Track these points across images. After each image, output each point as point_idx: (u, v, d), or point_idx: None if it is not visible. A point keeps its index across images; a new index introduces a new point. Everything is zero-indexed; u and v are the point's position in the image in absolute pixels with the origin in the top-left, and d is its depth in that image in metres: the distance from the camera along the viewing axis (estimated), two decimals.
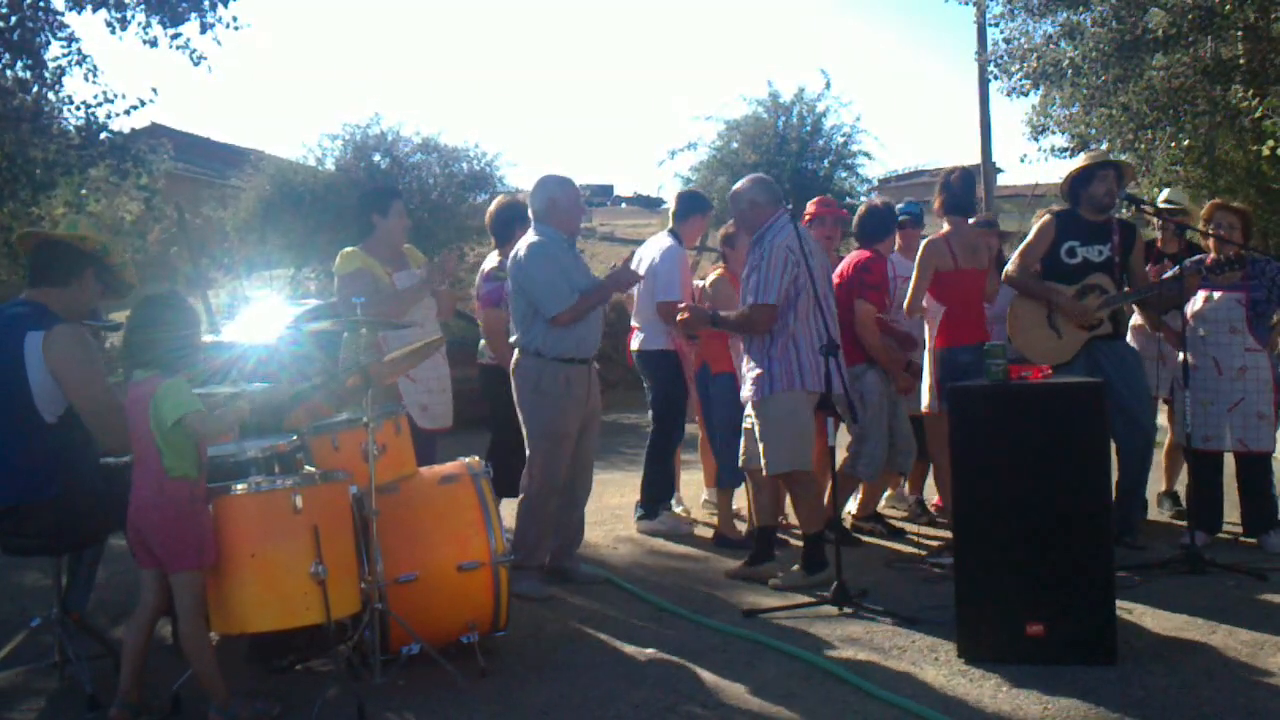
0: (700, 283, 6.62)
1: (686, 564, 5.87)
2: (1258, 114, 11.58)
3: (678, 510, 6.81)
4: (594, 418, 5.43)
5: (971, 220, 6.01)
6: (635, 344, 6.55)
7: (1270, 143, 11.17)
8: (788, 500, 6.81)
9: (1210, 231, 5.76)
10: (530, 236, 5.32)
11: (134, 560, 3.74)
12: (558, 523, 5.36)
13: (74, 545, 4.26)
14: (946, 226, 5.86)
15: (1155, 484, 6.41)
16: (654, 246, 6.46)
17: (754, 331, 5.21)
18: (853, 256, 6.13)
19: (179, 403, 3.59)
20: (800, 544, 5.34)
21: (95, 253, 4.25)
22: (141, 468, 3.66)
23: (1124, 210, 6.26)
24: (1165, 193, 6.91)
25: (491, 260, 6.19)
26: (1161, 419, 6.46)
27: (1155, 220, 6.55)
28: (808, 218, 6.70)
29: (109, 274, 4.31)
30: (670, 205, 7.30)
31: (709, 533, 6.40)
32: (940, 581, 5.03)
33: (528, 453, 5.27)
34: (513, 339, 5.34)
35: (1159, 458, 6.27)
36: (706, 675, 4.04)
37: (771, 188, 5.39)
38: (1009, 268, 5.78)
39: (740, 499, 6.39)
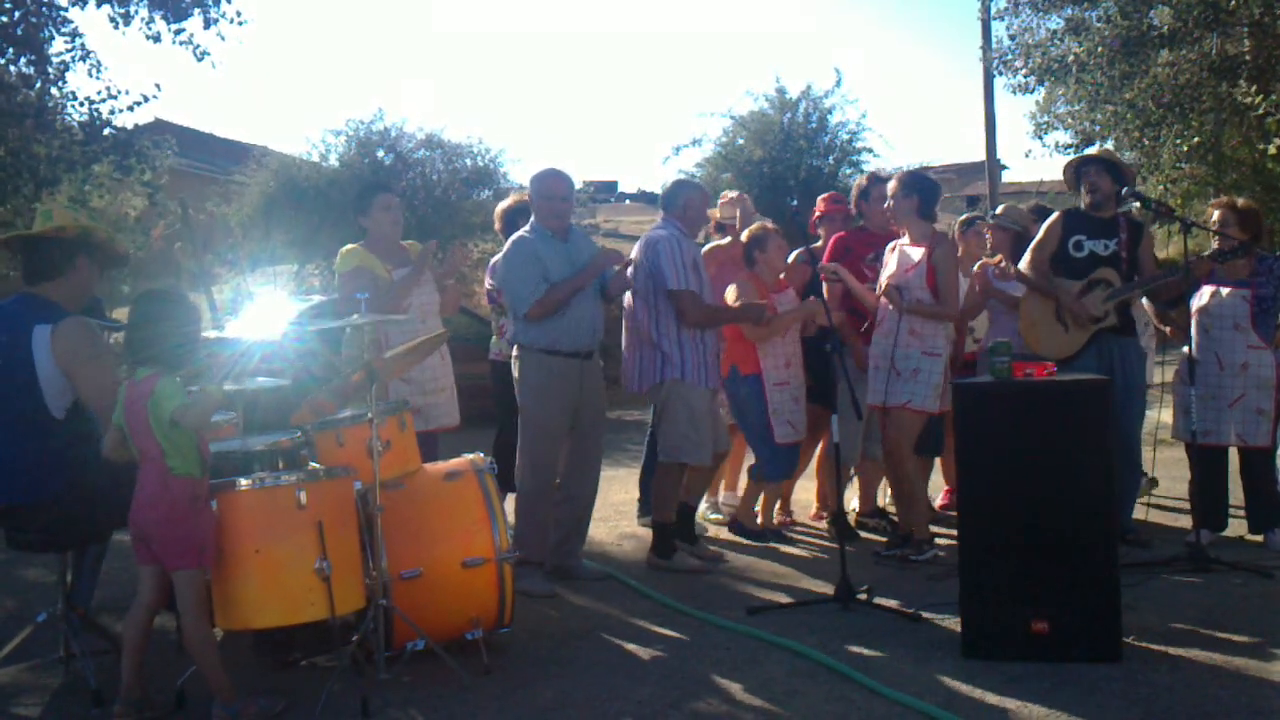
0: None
1: None
2: (1261, 111, 11.54)
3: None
4: (592, 412, 5.41)
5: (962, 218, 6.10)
6: None
7: (1277, 141, 11.13)
8: (790, 497, 6.85)
9: (1214, 229, 5.74)
10: (519, 231, 5.41)
11: (135, 556, 3.74)
12: (556, 519, 5.35)
13: (79, 541, 4.27)
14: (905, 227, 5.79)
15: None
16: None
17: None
18: None
19: (172, 399, 3.59)
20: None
21: (79, 239, 4.19)
22: (145, 465, 3.65)
23: (1134, 209, 6.24)
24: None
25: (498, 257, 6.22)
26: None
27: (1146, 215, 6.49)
28: (817, 215, 6.68)
29: (99, 252, 4.27)
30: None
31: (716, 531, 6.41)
32: (944, 578, 5.02)
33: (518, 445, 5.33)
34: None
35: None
36: (710, 672, 4.04)
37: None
38: (1021, 264, 5.79)
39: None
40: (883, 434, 5.95)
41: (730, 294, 5.93)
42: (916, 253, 5.61)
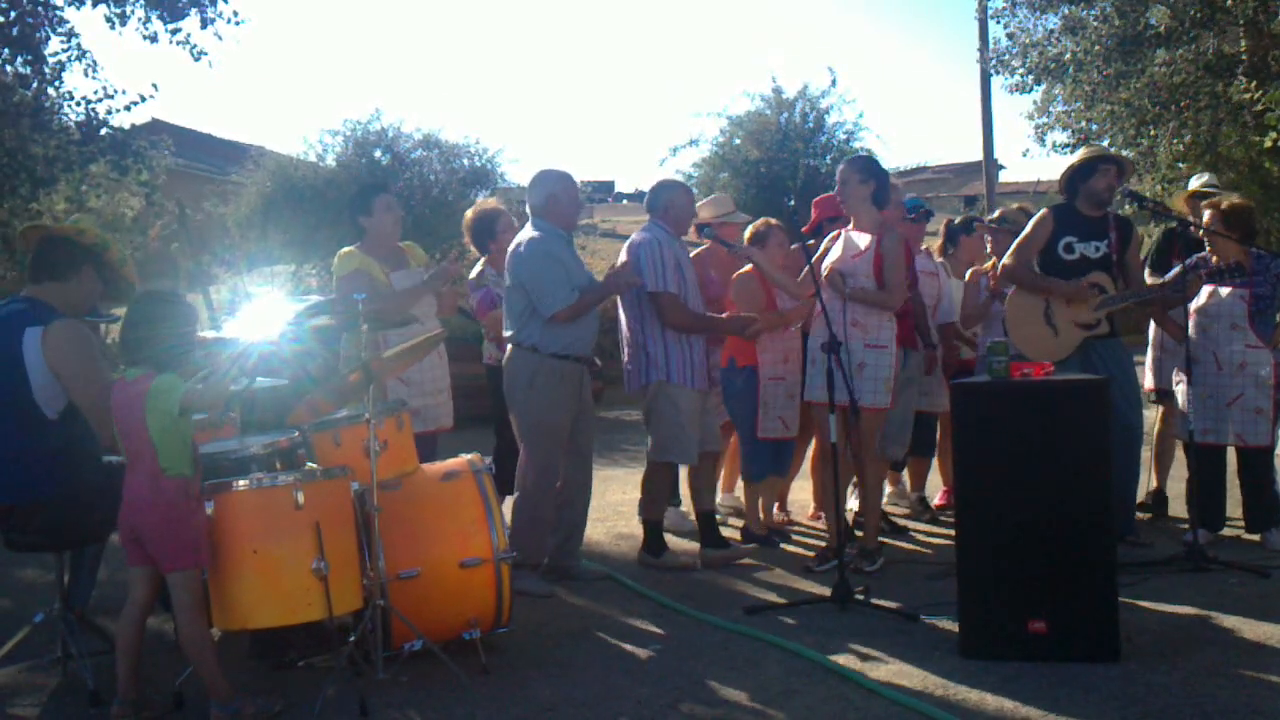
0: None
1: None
2: (1259, 107, 11.54)
3: (683, 509, 6.78)
4: (586, 415, 5.42)
5: (959, 219, 6.06)
6: None
7: (1273, 135, 11.15)
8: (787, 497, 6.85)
9: (1202, 228, 5.72)
10: (529, 232, 5.31)
11: (126, 558, 3.73)
12: (557, 521, 5.35)
13: (76, 542, 4.27)
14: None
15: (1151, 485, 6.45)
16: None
17: None
18: None
19: (174, 390, 3.58)
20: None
21: (93, 247, 4.24)
22: (135, 467, 3.64)
23: (1126, 207, 6.24)
24: (1197, 180, 6.76)
25: (477, 268, 6.16)
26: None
27: (1147, 212, 6.50)
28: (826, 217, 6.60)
29: (107, 270, 4.30)
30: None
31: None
32: (942, 578, 5.02)
33: (521, 449, 5.27)
34: (507, 333, 5.33)
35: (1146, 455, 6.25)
36: (708, 672, 4.04)
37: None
38: (1006, 260, 5.76)
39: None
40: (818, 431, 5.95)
41: (743, 277, 5.94)
42: (864, 239, 5.45)
